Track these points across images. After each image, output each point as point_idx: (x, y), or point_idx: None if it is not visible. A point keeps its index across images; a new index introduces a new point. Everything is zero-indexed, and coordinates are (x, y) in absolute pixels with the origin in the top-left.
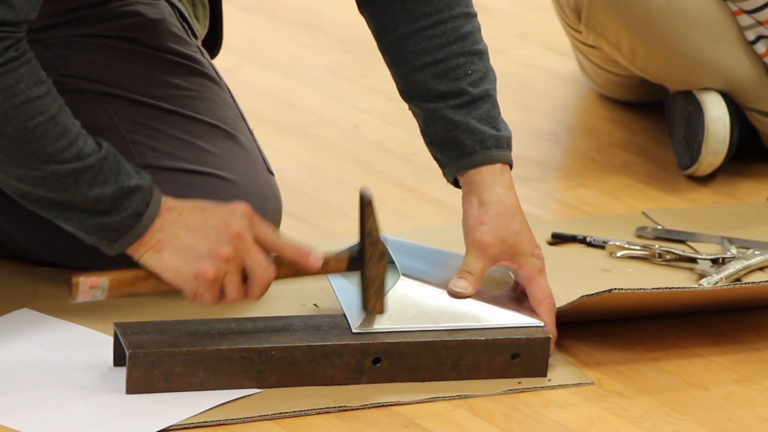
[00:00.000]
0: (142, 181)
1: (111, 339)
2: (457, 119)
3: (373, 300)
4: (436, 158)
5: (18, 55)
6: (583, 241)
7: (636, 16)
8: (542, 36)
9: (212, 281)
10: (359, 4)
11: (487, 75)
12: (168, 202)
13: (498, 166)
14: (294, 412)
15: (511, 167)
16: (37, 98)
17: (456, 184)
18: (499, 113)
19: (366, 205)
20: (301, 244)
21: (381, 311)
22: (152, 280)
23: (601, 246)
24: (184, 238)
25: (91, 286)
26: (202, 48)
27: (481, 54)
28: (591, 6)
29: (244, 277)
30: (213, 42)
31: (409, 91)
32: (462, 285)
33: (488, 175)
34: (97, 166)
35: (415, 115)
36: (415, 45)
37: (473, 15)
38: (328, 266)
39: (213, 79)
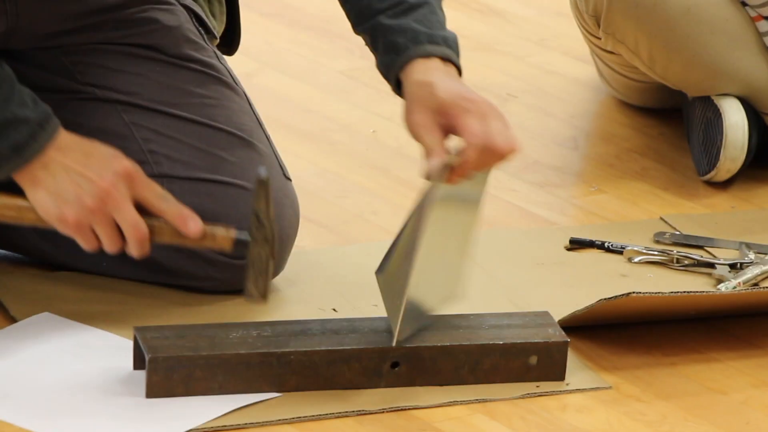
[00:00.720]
0: (33, 114)
1: (131, 343)
2: (391, 24)
3: (250, 283)
4: (382, 74)
5: None
6: (601, 246)
7: (655, 22)
8: (561, 42)
9: (74, 226)
10: None
11: None
12: (60, 141)
13: (435, 61)
14: (313, 416)
15: (457, 68)
16: None
17: (400, 92)
18: (440, 20)
19: (258, 186)
20: (185, 209)
21: (262, 297)
22: (34, 213)
23: (619, 251)
24: (59, 181)
25: None
26: (218, 53)
27: None
28: (610, 12)
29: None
30: (230, 39)
31: (358, 21)
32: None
33: (421, 66)
34: None
35: (366, 43)
36: None
37: None
38: (214, 240)
39: (230, 86)
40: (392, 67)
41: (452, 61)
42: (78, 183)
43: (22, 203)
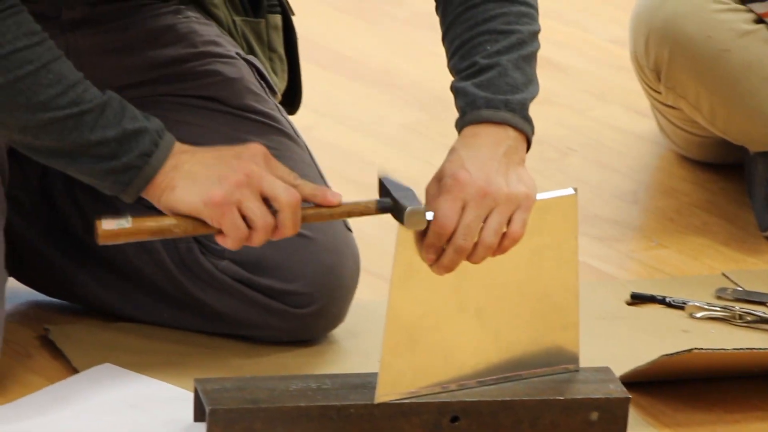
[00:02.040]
0: (148, 124)
1: (191, 395)
2: (459, 86)
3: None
4: None
5: (4, 7)
6: (662, 301)
7: (716, 77)
8: (621, 96)
9: (221, 204)
10: None
11: (509, 50)
12: (182, 146)
13: (485, 127)
14: None
15: (517, 129)
16: (25, 48)
17: None
18: (511, 81)
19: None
20: (319, 185)
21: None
22: (173, 218)
23: (680, 307)
24: (197, 172)
25: (114, 218)
26: (279, 105)
27: (509, 33)
28: (671, 66)
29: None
30: (292, 97)
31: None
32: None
33: (468, 132)
34: (97, 110)
35: None
36: (453, 32)
37: (515, 1)
38: (358, 207)
39: (291, 137)
40: (457, 129)
41: (511, 124)
42: (218, 167)
43: (166, 221)
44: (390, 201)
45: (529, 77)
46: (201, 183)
